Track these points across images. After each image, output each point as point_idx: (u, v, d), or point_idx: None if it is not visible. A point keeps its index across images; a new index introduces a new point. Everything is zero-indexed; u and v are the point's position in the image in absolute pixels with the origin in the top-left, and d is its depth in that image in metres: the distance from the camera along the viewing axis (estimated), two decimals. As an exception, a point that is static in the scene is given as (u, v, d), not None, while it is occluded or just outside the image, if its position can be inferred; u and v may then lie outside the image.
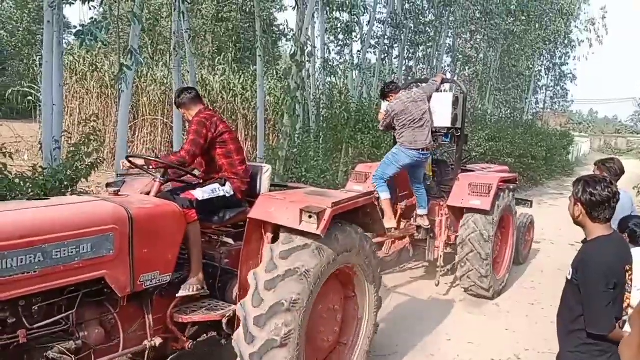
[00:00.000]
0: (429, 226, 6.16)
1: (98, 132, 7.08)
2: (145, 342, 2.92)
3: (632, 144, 47.23)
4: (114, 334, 2.82)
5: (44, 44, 6.30)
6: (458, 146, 6.62)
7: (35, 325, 2.44)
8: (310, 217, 2.92)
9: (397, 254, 6.89)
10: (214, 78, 15.38)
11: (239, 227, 3.73)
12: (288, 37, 21.42)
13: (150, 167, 3.38)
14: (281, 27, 20.96)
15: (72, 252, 2.51)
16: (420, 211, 6.07)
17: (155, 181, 3.36)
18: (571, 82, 30.81)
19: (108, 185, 3.67)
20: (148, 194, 3.31)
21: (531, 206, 7.88)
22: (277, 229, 3.20)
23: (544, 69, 28.28)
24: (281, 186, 4.05)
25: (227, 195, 3.56)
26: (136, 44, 6.96)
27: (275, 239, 3.20)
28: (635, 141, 47.30)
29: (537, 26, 19.93)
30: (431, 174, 6.81)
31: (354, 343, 3.66)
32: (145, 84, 14.26)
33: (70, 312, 2.58)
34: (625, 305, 2.41)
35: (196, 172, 3.79)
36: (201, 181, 3.59)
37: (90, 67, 13.83)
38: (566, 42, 26.42)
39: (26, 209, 2.57)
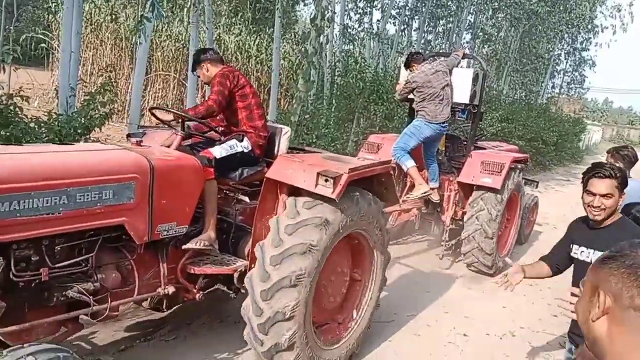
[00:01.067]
0: (438, 200, 6.20)
1: (113, 83, 7.10)
2: (158, 290, 3.02)
3: (645, 135, 46.78)
4: (130, 279, 2.91)
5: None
6: (473, 123, 6.61)
7: (57, 265, 2.52)
8: (326, 180, 2.96)
9: (401, 226, 6.96)
10: (229, 38, 15.22)
11: (253, 186, 3.78)
12: (306, 1, 21.17)
13: (172, 120, 3.42)
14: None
15: (94, 197, 2.56)
16: (431, 184, 6.09)
17: (176, 134, 3.39)
18: (590, 68, 30.36)
19: (129, 135, 3.73)
20: (169, 146, 3.36)
21: (537, 187, 7.92)
22: (292, 190, 3.25)
23: (564, 53, 27.78)
24: (299, 149, 4.08)
25: (245, 150, 3.60)
26: (156, -5, 6.89)
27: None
28: (649, 133, 46.86)
29: (561, 8, 19.49)
30: (444, 148, 6.82)
31: (358, 306, 3.75)
32: (160, 39, 14.14)
33: (90, 255, 2.66)
34: None
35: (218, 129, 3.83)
36: (222, 137, 3.61)
37: (107, 18, 13.72)
38: (589, 27, 25.84)
39: (53, 152, 2.62)
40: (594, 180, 2.56)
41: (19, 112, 5.32)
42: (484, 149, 6.88)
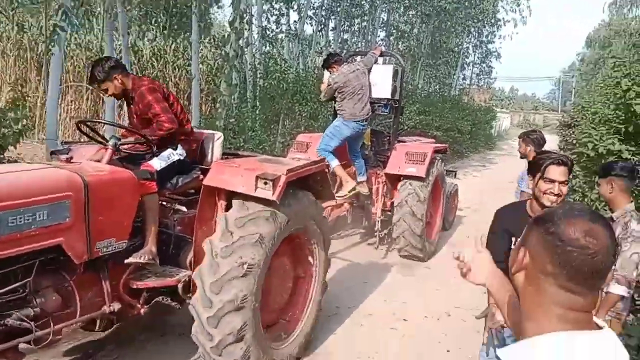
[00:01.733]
0: (368, 192, 6.43)
1: (27, 98, 6.74)
2: (103, 308, 2.95)
3: (548, 120, 50.27)
4: (72, 301, 2.82)
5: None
6: (396, 117, 6.91)
7: None
8: (265, 183, 3.03)
9: (334, 221, 7.13)
10: (144, 44, 14.78)
11: (188, 195, 3.77)
12: (220, 4, 20.94)
13: (99, 134, 3.34)
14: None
15: (27, 220, 2.48)
16: (359, 178, 6.31)
17: (107, 149, 3.31)
18: (496, 59, 32.31)
19: (52, 152, 3.60)
20: (99, 161, 3.27)
21: (456, 176, 8.43)
22: (230, 196, 3.29)
23: (472, 46, 29.44)
24: (232, 154, 4.10)
25: (181, 158, 3.58)
26: (68, 2, 6.60)
27: (228, 207, 3.29)
28: (551, 117, 50.43)
29: (467, 4, 20.62)
30: (369, 143, 7.07)
31: (304, 303, 3.85)
32: (69, 48, 13.46)
33: (27, 279, 2.56)
34: None
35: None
36: (152, 148, 3.55)
37: (7, 28, 12.88)
38: (493, 21, 27.55)
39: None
40: (552, 168, 2.47)
41: None
42: (405, 142, 7.20)
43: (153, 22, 17.32)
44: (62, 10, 5.37)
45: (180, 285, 3.27)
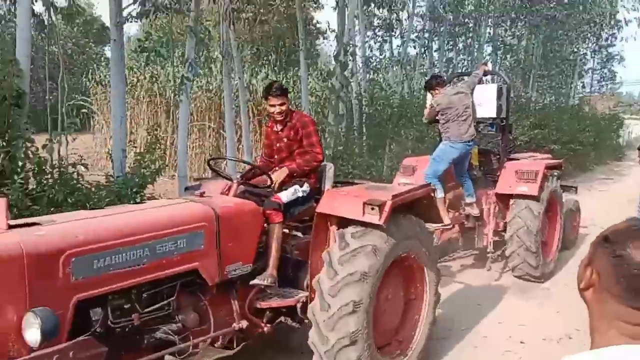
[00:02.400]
0: (478, 214, 6.37)
1: (161, 141, 7.66)
2: (233, 325, 3.33)
3: (687, 123, 45.19)
4: (207, 318, 3.23)
5: (111, 61, 6.84)
6: (503, 135, 6.81)
7: (145, 310, 2.87)
8: (372, 208, 3.25)
9: (446, 243, 7.11)
10: (256, 81, 15.86)
11: (304, 222, 4.10)
12: (326, 35, 21.84)
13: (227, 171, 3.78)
14: (318, 26, 21.36)
15: (171, 247, 2.93)
16: (468, 199, 6.29)
17: (233, 183, 3.75)
18: (619, 63, 29.94)
19: (186, 188, 4.13)
20: (226, 194, 3.72)
21: (576, 192, 7.97)
22: (341, 221, 3.54)
23: (590, 51, 27.54)
24: (343, 182, 4.39)
25: (304, 194, 3.93)
26: (192, 55, 7.46)
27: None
28: (691, 120, 45.26)
29: (580, 8, 19.50)
30: (477, 163, 7.01)
31: (415, 324, 3.96)
32: (192, 91, 14.88)
33: (171, 299, 3.00)
34: None
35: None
36: (270, 185, 3.92)
37: (140, 78, 14.61)
38: (612, 22, 25.61)
39: (132, 212, 3.01)
40: None
41: (81, 179, 5.85)
42: (518, 159, 7.03)
43: (264, 60, 18.59)
44: (189, 62, 6.11)
45: (298, 306, 3.57)
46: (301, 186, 3.95)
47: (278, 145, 4.16)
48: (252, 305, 3.52)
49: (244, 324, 3.36)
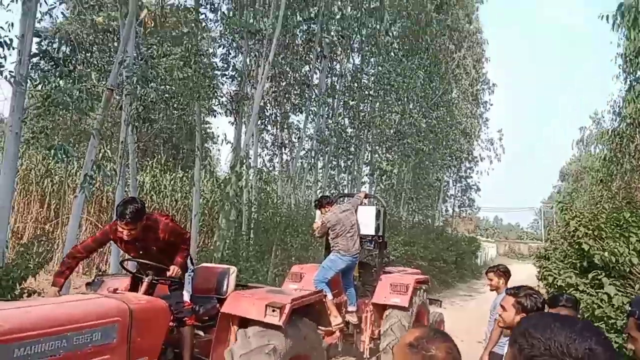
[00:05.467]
0: (357, 322, 6.98)
1: (49, 234, 7.50)
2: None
3: (532, 249, 51.39)
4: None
5: (4, 153, 6.79)
6: (380, 251, 7.71)
7: None
8: (273, 310, 3.71)
9: (326, 348, 7.55)
10: (144, 178, 15.82)
11: (204, 321, 4.39)
12: (215, 140, 22.75)
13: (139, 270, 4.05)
14: (208, 131, 22.21)
15: (87, 339, 3.10)
16: (350, 308, 6.91)
17: (144, 281, 4.01)
18: (475, 192, 34.29)
19: (88, 284, 4.30)
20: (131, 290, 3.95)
21: (441, 305, 8.98)
22: (243, 322, 3.93)
23: (452, 180, 31.46)
24: (242, 286, 4.80)
25: (192, 272, 4.26)
26: (93, 155, 7.66)
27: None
28: (535, 247, 51.55)
29: (443, 144, 22.63)
30: (357, 274, 7.77)
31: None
32: (72, 184, 14.45)
33: (80, 392, 3.11)
34: None
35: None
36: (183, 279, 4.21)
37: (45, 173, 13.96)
38: (470, 158, 29.83)
39: (53, 304, 3.18)
40: None
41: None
42: (391, 273, 7.91)
43: (154, 159, 18.71)
44: (97, 164, 6.33)
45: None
46: (187, 272, 4.20)
47: (146, 251, 4.08)
48: (153, 401, 3.67)
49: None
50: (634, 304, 2.56)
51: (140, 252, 4.08)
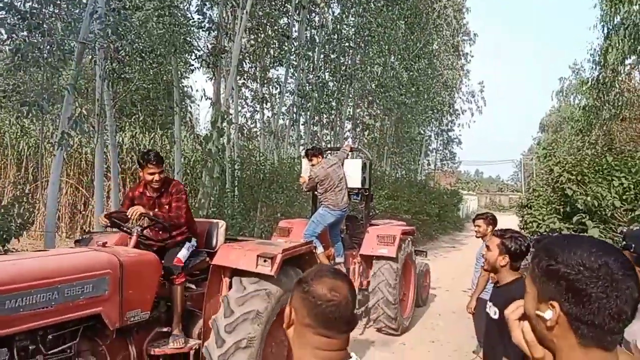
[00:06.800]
0: (346, 273, 7.06)
1: (29, 197, 7.33)
2: (129, 371, 3.46)
3: (512, 200, 52.43)
4: (105, 363, 3.34)
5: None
6: (366, 204, 7.73)
7: (49, 353, 2.94)
8: (265, 261, 3.70)
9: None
10: (123, 138, 15.52)
11: (194, 275, 4.39)
12: (193, 98, 22.30)
13: (127, 223, 3.98)
14: (186, 89, 21.76)
15: (78, 291, 3.07)
16: (338, 259, 6.97)
17: (132, 235, 3.95)
18: (457, 145, 34.56)
19: (77, 241, 4.23)
20: (126, 245, 3.90)
21: (426, 256, 9.15)
22: (234, 274, 3.92)
23: (434, 134, 31.57)
24: (232, 239, 4.77)
25: (194, 247, 4.24)
26: (69, 112, 7.42)
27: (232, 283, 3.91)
28: (515, 198, 52.64)
29: (425, 97, 22.55)
30: (344, 227, 7.82)
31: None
32: (49, 145, 14.13)
33: (73, 342, 3.10)
34: None
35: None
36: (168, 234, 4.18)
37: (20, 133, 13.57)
38: (451, 111, 29.84)
39: (45, 257, 3.12)
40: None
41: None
42: (378, 225, 7.98)
43: (132, 118, 18.29)
44: (74, 119, 6.12)
45: (191, 353, 3.81)
46: (189, 241, 4.27)
47: (156, 210, 4.16)
48: (147, 351, 3.68)
49: (139, 370, 3.51)
50: (629, 238, 2.58)
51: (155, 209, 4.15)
